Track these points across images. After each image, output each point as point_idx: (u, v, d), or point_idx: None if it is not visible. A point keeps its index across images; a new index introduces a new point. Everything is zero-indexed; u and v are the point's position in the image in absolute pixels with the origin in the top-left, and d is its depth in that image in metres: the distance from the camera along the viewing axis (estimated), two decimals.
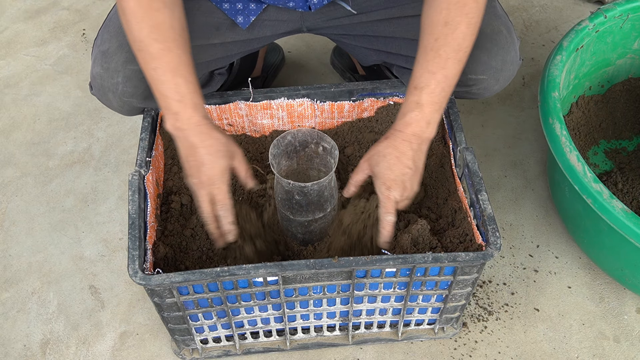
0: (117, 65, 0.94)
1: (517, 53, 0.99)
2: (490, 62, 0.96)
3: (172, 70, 0.83)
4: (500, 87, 1.01)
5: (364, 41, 1.08)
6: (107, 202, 1.26)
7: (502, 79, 0.99)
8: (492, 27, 0.96)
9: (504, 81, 1.00)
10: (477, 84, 0.99)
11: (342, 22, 1.05)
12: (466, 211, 0.94)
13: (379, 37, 1.06)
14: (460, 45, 0.83)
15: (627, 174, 1.22)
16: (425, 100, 0.85)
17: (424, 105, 0.85)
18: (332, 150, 0.94)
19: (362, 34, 1.07)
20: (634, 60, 1.29)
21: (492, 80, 0.99)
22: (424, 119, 0.86)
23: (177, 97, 0.84)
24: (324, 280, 0.86)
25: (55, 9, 1.70)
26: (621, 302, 1.09)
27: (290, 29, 1.07)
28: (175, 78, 0.83)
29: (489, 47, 0.96)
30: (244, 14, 1.00)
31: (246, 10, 1.00)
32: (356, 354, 1.03)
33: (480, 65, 0.96)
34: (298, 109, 1.07)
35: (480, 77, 0.97)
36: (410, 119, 0.86)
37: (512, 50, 0.98)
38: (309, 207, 0.94)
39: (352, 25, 1.06)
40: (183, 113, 0.84)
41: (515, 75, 1.03)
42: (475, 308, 1.09)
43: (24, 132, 1.40)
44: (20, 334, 1.08)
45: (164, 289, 0.82)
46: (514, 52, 0.98)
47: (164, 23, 0.82)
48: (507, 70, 0.99)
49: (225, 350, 1.01)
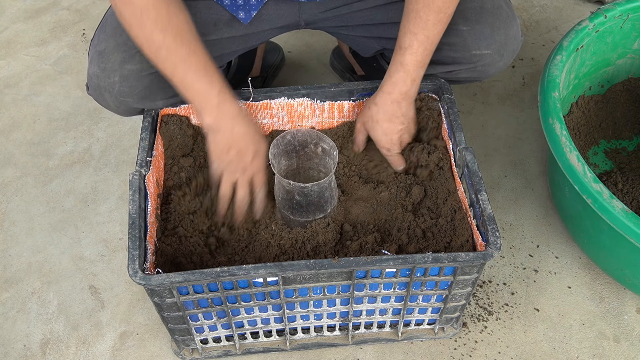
0: (113, 65, 0.94)
1: (519, 29, 1.01)
2: (494, 36, 0.97)
3: (203, 69, 0.88)
4: (505, 64, 1.02)
5: (362, 30, 1.08)
6: (107, 202, 1.26)
7: (507, 54, 1.00)
8: (492, 2, 0.98)
9: (508, 56, 1.01)
10: (481, 60, 0.99)
11: (341, 11, 1.05)
12: (466, 211, 0.94)
13: (378, 25, 1.06)
14: (440, 7, 0.87)
15: (627, 174, 1.22)
16: (409, 60, 0.92)
17: (408, 64, 0.92)
18: (332, 151, 0.94)
19: (361, 23, 1.07)
20: (634, 60, 1.29)
21: (497, 55, 0.99)
22: (409, 77, 0.94)
23: (215, 91, 0.89)
24: (324, 281, 0.86)
25: (55, 9, 1.70)
26: (621, 302, 1.09)
27: (288, 23, 1.07)
28: (209, 75, 0.88)
29: (491, 21, 0.96)
30: (245, 9, 1.00)
31: (247, 5, 1.00)
32: (356, 354, 1.03)
33: (483, 40, 0.97)
34: (298, 108, 1.07)
35: (485, 52, 0.98)
36: (397, 80, 0.94)
37: (514, 24, 0.99)
38: (309, 207, 0.94)
39: (349, 15, 1.06)
40: (224, 104, 0.90)
41: (518, 52, 1.04)
42: (475, 308, 1.09)
43: (24, 132, 1.40)
44: (20, 334, 1.08)
45: (164, 289, 0.82)
46: (516, 27, 1.00)
47: (184, 28, 0.86)
48: (511, 44, 1.00)
49: (225, 350, 1.01)
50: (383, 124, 0.98)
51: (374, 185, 1.04)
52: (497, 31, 0.97)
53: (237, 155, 0.92)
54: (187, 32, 0.86)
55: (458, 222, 0.95)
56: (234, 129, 0.91)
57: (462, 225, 0.94)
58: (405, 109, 0.97)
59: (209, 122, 0.91)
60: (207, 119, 0.91)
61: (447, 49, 0.99)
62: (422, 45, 0.90)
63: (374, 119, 0.98)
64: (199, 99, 0.89)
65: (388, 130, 0.98)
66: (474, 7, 0.97)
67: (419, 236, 0.97)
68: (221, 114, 0.90)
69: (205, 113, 0.90)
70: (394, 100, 0.96)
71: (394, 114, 0.97)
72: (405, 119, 0.98)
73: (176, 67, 0.87)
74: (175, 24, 0.85)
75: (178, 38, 0.85)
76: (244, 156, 0.93)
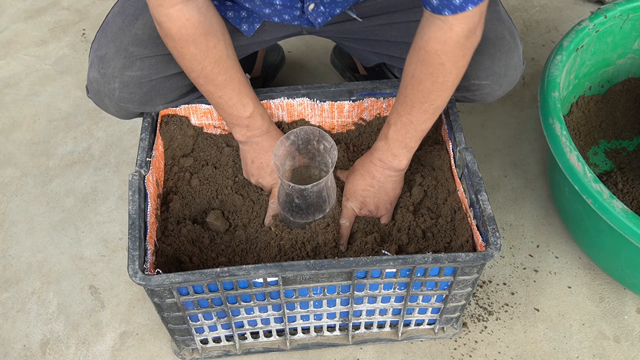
0: (114, 71, 0.94)
1: (521, 58, 0.99)
2: (493, 67, 0.96)
3: (238, 94, 0.93)
4: (503, 92, 1.01)
5: (365, 44, 1.08)
6: (107, 202, 1.26)
7: (505, 84, 0.99)
8: (495, 32, 0.96)
9: (507, 86, 1.00)
10: (479, 89, 0.98)
11: (344, 26, 1.05)
12: (466, 211, 0.94)
13: (381, 41, 1.06)
14: (425, 98, 0.86)
15: (627, 174, 1.22)
16: (391, 136, 0.93)
17: (389, 139, 0.93)
18: (331, 150, 0.94)
19: (364, 37, 1.07)
20: (634, 60, 1.29)
21: (495, 85, 0.98)
22: (389, 150, 0.94)
23: (246, 114, 0.95)
24: (324, 281, 0.86)
25: (55, 9, 1.70)
26: (621, 302, 1.09)
27: (291, 33, 1.07)
28: (242, 99, 0.94)
29: (492, 52, 0.95)
30: (249, 22, 1.00)
31: (250, 18, 1.00)
32: (356, 354, 1.03)
33: (482, 71, 0.96)
34: (298, 108, 1.07)
35: (483, 82, 0.97)
36: (377, 147, 0.95)
37: (516, 55, 0.97)
38: (309, 209, 0.94)
39: (353, 30, 1.06)
40: (253, 124, 0.97)
41: (518, 80, 1.02)
42: (475, 308, 1.09)
43: (24, 132, 1.40)
44: (20, 334, 1.08)
45: (163, 290, 0.82)
46: (517, 57, 0.98)
47: (222, 56, 0.89)
48: (510, 75, 0.98)
49: (225, 351, 1.01)
50: (356, 175, 0.99)
51: None
52: (497, 62, 0.96)
53: (258, 167, 1.01)
54: (226, 60, 0.89)
55: (458, 222, 0.95)
56: (259, 144, 0.99)
57: (462, 226, 0.94)
58: (381, 177, 0.97)
59: (238, 138, 0.99)
60: (237, 136, 0.99)
61: None
62: (404, 127, 0.90)
63: (352, 170, 1.01)
64: (231, 120, 0.97)
65: (356, 183, 0.98)
66: None
67: (419, 236, 0.97)
68: (250, 132, 0.98)
69: (236, 131, 0.98)
70: (372, 160, 0.97)
71: (368, 172, 0.97)
72: (377, 185, 0.97)
73: (212, 94, 0.92)
74: (213, 55, 0.87)
75: (216, 68, 0.89)
76: (264, 169, 1.01)
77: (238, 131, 0.98)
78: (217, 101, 0.94)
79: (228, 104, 0.93)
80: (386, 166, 0.96)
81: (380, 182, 0.97)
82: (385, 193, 0.98)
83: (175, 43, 0.85)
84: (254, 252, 0.97)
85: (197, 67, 0.88)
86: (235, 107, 0.94)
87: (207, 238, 0.98)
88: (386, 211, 1.00)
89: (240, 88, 0.93)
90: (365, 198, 0.98)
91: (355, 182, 0.99)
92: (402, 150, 0.94)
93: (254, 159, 1.00)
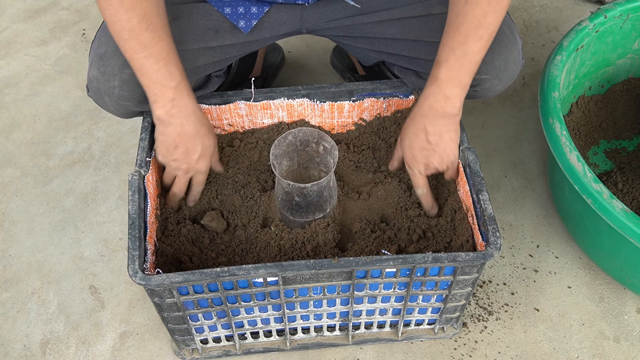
0: (113, 69, 0.94)
1: (520, 53, 0.99)
2: (493, 61, 0.96)
3: (164, 59, 0.86)
4: (503, 87, 1.01)
5: (364, 42, 1.08)
6: (107, 202, 1.26)
7: (505, 79, 0.99)
8: None
9: (507, 81, 1.00)
10: (480, 84, 0.99)
11: (343, 22, 1.05)
12: (466, 211, 0.94)
13: (380, 39, 1.06)
14: (481, 22, 0.84)
15: (627, 174, 1.22)
16: (443, 75, 0.87)
17: (441, 79, 0.88)
18: (332, 150, 0.94)
19: (363, 35, 1.07)
20: (634, 60, 1.29)
21: (495, 80, 0.99)
22: (441, 92, 0.88)
23: (172, 84, 0.87)
24: (324, 281, 0.86)
25: (55, 9, 1.70)
26: (621, 302, 1.09)
27: (289, 31, 1.07)
28: (169, 66, 0.86)
29: (492, 46, 0.95)
30: (246, 18, 1.00)
31: (248, 14, 1.00)
32: (356, 354, 1.03)
33: (483, 65, 0.96)
34: (298, 108, 1.07)
35: (483, 77, 0.97)
36: (428, 93, 0.90)
37: (515, 49, 0.98)
38: (309, 208, 0.94)
39: (352, 27, 1.06)
40: (179, 100, 0.88)
41: (518, 75, 1.03)
42: (475, 308, 1.09)
43: (24, 132, 1.40)
44: (20, 334, 1.08)
45: (163, 289, 0.82)
46: (517, 52, 0.98)
47: (152, 12, 0.84)
48: (510, 69, 0.99)
49: (225, 350, 1.01)
50: (410, 136, 0.93)
51: (374, 185, 1.04)
52: (497, 57, 0.96)
53: (184, 153, 0.92)
54: (155, 17, 0.84)
55: (458, 222, 0.95)
56: (184, 126, 0.90)
57: (462, 225, 0.94)
58: (434, 127, 0.91)
59: (160, 115, 0.89)
60: (159, 112, 0.89)
61: None
62: (458, 61, 0.86)
63: (405, 131, 0.95)
64: (154, 90, 0.87)
65: (412, 145, 0.93)
66: None
67: (419, 236, 0.97)
68: (174, 109, 0.88)
69: (158, 105, 0.89)
70: (422, 114, 0.91)
71: (421, 129, 0.91)
72: (434, 139, 0.91)
73: (136, 52, 0.85)
74: (142, 7, 0.82)
75: (143, 22, 0.83)
76: (190, 155, 0.93)
77: (161, 106, 0.89)
78: (142, 63, 0.85)
79: (153, 68, 0.85)
80: (439, 114, 0.90)
81: (437, 135, 0.91)
82: (445, 146, 0.93)
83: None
84: (254, 252, 0.97)
85: (124, 16, 0.82)
86: (161, 73, 0.86)
87: (207, 238, 0.98)
88: (451, 164, 0.95)
89: (168, 53, 0.86)
90: (427, 158, 0.93)
91: (412, 145, 0.93)
92: (455, 90, 0.88)
93: (177, 144, 0.91)
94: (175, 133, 0.91)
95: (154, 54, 0.85)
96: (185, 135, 0.91)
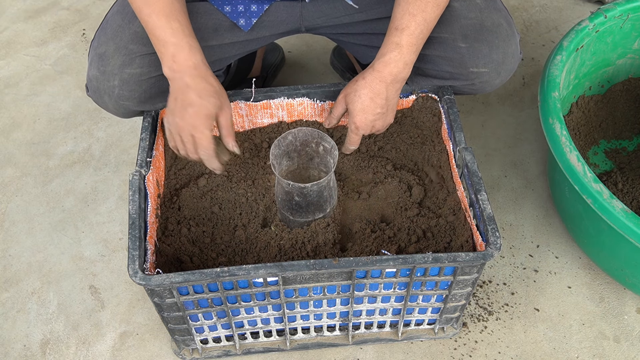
0: (113, 69, 0.94)
1: (518, 47, 1.00)
2: (492, 54, 0.97)
3: (166, 15, 0.86)
4: (502, 81, 1.02)
5: (363, 39, 1.08)
6: (107, 202, 1.26)
7: (504, 72, 1.00)
8: (492, 20, 0.97)
9: (505, 74, 1.01)
10: (478, 77, 0.99)
11: (342, 20, 1.05)
12: (466, 211, 0.94)
13: (379, 35, 1.06)
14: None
15: (627, 174, 1.22)
16: (405, 42, 0.89)
17: (403, 46, 0.90)
18: (332, 150, 0.94)
19: (361, 32, 1.07)
20: (634, 60, 1.29)
21: (494, 73, 0.99)
22: (402, 59, 0.90)
23: (173, 40, 0.87)
24: (324, 281, 0.86)
25: (55, 9, 1.70)
26: (621, 302, 1.09)
27: (289, 29, 1.07)
28: (171, 22, 0.86)
29: (490, 39, 0.96)
30: (246, 16, 1.00)
31: (248, 12, 1.00)
32: (356, 354, 1.03)
33: (481, 59, 0.97)
34: (298, 108, 1.07)
35: (482, 70, 0.98)
36: (390, 59, 0.91)
37: (513, 43, 0.98)
38: (309, 207, 0.94)
39: (351, 24, 1.06)
40: (180, 55, 0.87)
41: (516, 69, 1.03)
42: (475, 308, 1.09)
43: (24, 132, 1.40)
44: (20, 334, 1.08)
45: (164, 289, 0.82)
46: (515, 46, 0.99)
47: None
48: (509, 63, 0.99)
49: (225, 350, 1.01)
50: (364, 100, 0.93)
51: (374, 185, 1.04)
52: (496, 50, 0.97)
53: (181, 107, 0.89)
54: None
55: (458, 222, 0.95)
56: (183, 79, 0.88)
57: (462, 225, 0.94)
58: (390, 93, 0.93)
59: (165, 72, 0.89)
60: (165, 69, 0.89)
61: (445, 64, 0.99)
62: (419, 27, 0.89)
63: (358, 92, 0.94)
64: (158, 47, 0.88)
65: (367, 108, 0.94)
66: (474, 24, 0.96)
67: (419, 236, 0.97)
68: (175, 64, 0.87)
69: (164, 63, 0.88)
70: (382, 79, 0.92)
71: (378, 94, 0.93)
72: (387, 104, 0.94)
73: (141, 10, 0.86)
74: None
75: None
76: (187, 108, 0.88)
77: (165, 62, 0.88)
78: (146, 21, 0.86)
79: (156, 25, 0.86)
80: (396, 79, 0.92)
81: (389, 100, 0.94)
82: (392, 110, 0.96)
83: None
84: (254, 252, 0.97)
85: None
86: (163, 30, 0.86)
87: (207, 238, 0.98)
88: (388, 125, 0.99)
89: (171, 9, 0.86)
90: (375, 122, 0.96)
91: (366, 108, 0.94)
92: (413, 57, 0.91)
93: (177, 97, 0.89)
94: (175, 88, 0.89)
95: (156, 11, 0.86)
96: (183, 89, 0.88)
